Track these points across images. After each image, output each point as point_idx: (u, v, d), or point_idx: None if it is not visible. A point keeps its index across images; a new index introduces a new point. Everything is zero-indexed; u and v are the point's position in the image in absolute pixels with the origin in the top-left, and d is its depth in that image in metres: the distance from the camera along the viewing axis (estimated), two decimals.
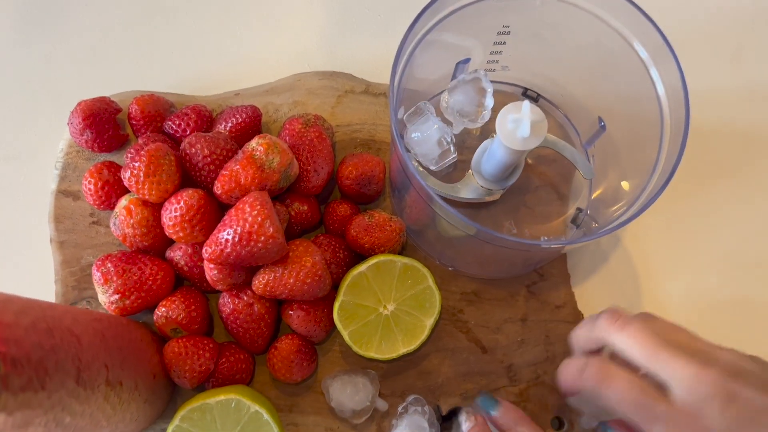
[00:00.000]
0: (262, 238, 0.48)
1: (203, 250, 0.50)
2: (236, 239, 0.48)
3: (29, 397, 0.30)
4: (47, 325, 0.34)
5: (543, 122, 0.46)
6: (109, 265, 0.53)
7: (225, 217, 0.50)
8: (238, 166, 0.52)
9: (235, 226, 0.48)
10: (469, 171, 0.59)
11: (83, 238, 0.59)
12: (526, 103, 0.46)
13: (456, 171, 0.60)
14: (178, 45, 0.68)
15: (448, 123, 0.59)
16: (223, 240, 0.49)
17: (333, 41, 0.69)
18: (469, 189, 0.58)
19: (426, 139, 0.55)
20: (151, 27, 0.69)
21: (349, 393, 0.55)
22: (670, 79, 0.44)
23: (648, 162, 0.49)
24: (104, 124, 0.58)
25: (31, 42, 0.67)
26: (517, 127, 0.47)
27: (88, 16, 0.69)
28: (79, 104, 0.58)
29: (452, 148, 0.55)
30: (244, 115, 0.58)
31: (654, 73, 0.45)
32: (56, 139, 0.64)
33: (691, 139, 0.44)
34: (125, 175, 0.52)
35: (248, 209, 0.49)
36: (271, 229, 0.48)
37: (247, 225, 0.48)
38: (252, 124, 0.58)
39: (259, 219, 0.48)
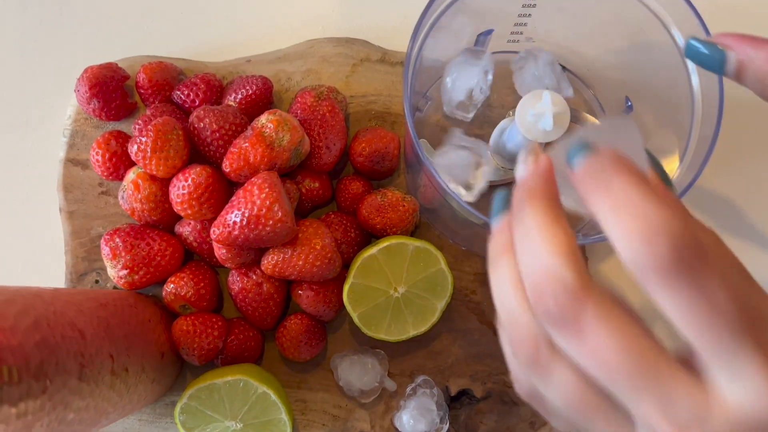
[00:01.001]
0: (271, 222, 0.47)
1: (211, 231, 0.49)
2: (244, 222, 0.47)
3: (29, 404, 0.30)
4: (48, 324, 0.34)
5: (566, 113, 0.44)
6: (118, 240, 0.53)
7: (233, 198, 0.49)
8: (247, 144, 0.50)
9: (243, 209, 0.47)
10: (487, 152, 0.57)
11: (93, 209, 0.58)
12: (547, 94, 0.43)
13: None
14: (189, 7, 0.65)
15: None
16: (231, 222, 0.48)
17: (349, 5, 0.66)
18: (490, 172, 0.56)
19: (452, 167, 0.53)
20: None
21: (357, 373, 0.54)
22: (707, 74, 0.41)
23: (676, 149, 0.46)
24: (111, 93, 0.57)
25: (36, 5, 0.65)
26: (539, 120, 0.44)
27: None
28: (85, 71, 0.56)
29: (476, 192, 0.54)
30: (254, 87, 0.56)
31: (690, 64, 0.42)
32: (65, 104, 0.62)
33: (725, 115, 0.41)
34: (132, 150, 0.51)
35: (257, 191, 0.47)
36: (279, 213, 0.47)
37: (255, 208, 0.47)
38: (262, 96, 0.56)
39: (268, 202, 0.47)
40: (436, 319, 0.54)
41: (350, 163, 0.58)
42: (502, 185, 0.57)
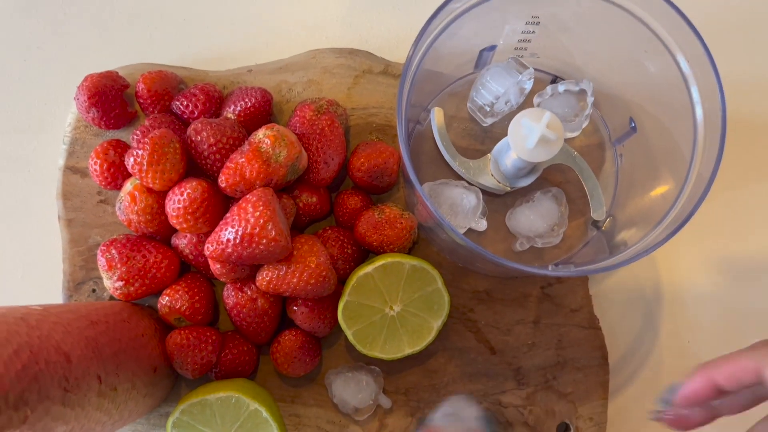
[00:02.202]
0: (264, 240, 0.46)
1: (205, 247, 0.49)
2: (237, 240, 0.47)
3: None
4: (32, 350, 0.33)
5: (557, 141, 0.43)
6: (114, 251, 0.53)
7: (228, 214, 0.49)
8: (243, 159, 0.50)
9: (236, 227, 0.47)
10: (489, 155, 0.56)
11: (91, 217, 0.58)
12: (548, 114, 0.42)
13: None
14: (192, 14, 0.65)
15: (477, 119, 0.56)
16: (224, 239, 0.47)
17: (353, 13, 0.65)
18: (482, 174, 0.56)
19: (453, 206, 0.53)
20: None
21: (352, 390, 0.54)
22: (711, 104, 0.40)
23: (680, 172, 0.45)
24: (111, 102, 0.56)
25: (40, 8, 0.65)
26: (528, 135, 0.44)
27: None
28: (85, 80, 0.56)
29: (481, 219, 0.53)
30: (253, 99, 0.55)
31: (695, 93, 0.41)
32: (65, 110, 0.62)
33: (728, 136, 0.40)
34: (128, 162, 0.50)
35: (251, 209, 0.47)
36: (273, 232, 0.46)
37: (249, 226, 0.46)
38: (261, 109, 0.55)
39: (262, 221, 0.46)
40: (432, 338, 0.53)
41: (349, 177, 0.58)
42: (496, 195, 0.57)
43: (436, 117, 0.56)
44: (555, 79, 0.58)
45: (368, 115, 0.59)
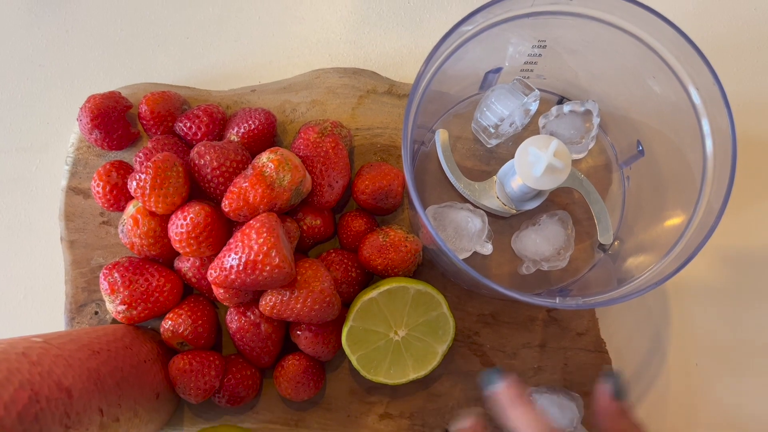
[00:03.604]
0: (267, 267, 0.46)
1: (208, 273, 0.48)
2: (240, 267, 0.46)
3: None
4: (33, 388, 0.33)
5: (564, 169, 0.42)
6: (116, 274, 0.52)
7: (231, 240, 0.48)
8: (246, 184, 0.49)
9: (240, 253, 0.46)
10: (494, 177, 0.56)
11: (93, 239, 0.58)
12: (555, 142, 0.42)
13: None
14: (194, 33, 0.64)
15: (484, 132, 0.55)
16: (228, 266, 0.47)
17: (357, 31, 0.64)
18: (487, 197, 0.55)
19: (458, 230, 0.53)
20: (166, 15, 0.65)
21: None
22: (722, 139, 0.39)
23: (689, 200, 0.44)
24: (113, 123, 0.56)
25: (43, 26, 0.64)
26: (535, 163, 0.43)
27: (102, 2, 0.65)
28: (87, 101, 0.55)
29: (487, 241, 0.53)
30: (257, 121, 0.55)
31: (705, 126, 0.41)
32: (68, 129, 0.62)
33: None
34: (131, 186, 0.50)
35: (254, 236, 0.46)
36: (277, 259, 0.46)
37: (253, 253, 0.46)
38: (265, 131, 0.55)
39: (265, 248, 0.46)
40: (437, 363, 0.53)
41: (353, 199, 0.57)
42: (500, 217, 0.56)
43: (441, 139, 0.55)
44: (561, 100, 0.57)
45: (373, 136, 0.59)
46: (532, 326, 0.56)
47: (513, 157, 0.49)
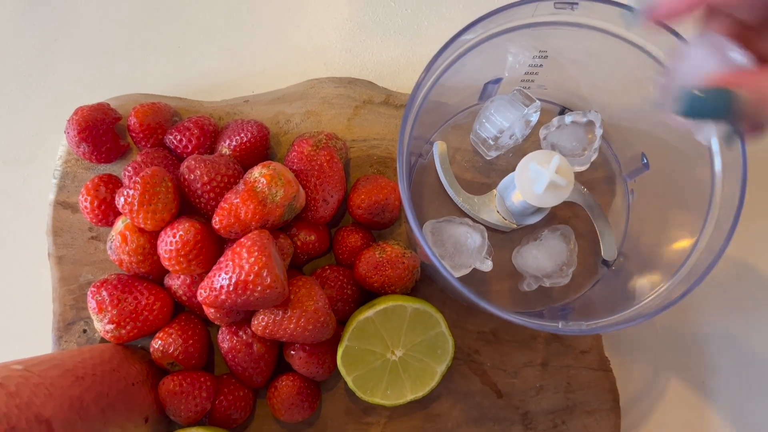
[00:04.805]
0: (259, 288, 0.44)
1: (198, 293, 0.47)
2: (231, 288, 0.45)
3: None
4: (9, 424, 0.31)
5: (566, 186, 0.40)
6: (104, 293, 0.51)
7: (222, 258, 0.46)
8: (238, 200, 0.48)
9: (230, 273, 0.45)
10: (494, 191, 0.54)
11: (82, 254, 0.56)
12: (557, 158, 0.40)
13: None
14: (185, 42, 0.63)
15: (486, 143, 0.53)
16: (218, 286, 0.45)
17: (353, 40, 0.63)
18: (487, 211, 0.53)
19: (457, 246, 0.51)
20: (157, 23, 0.63)
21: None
22: (732, 156, 0.37)
23: (697, 217, 0.43)
24: (102, 136, 0.54)
25: (31, 36, 0.62)
26: (536, 179, 0.41)
27: (91, 10, 0.63)
28: (75, 113, 0.54)
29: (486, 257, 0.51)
30: (249, 134, 0.53)
31: (714, 143, 0.39)
32: (56, 141, 0.60)
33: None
34: (119, 202, 0.48)
35: (245, 255, 0.45)
36: (268, 279, 0.44)
37: (243, 273, 0.44)
38: (258, 144, 0.53)
39: (257, 267, 0.44)
40: (436, 384, 0.51)
41: (349, 213, 0.55)
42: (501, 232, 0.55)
43: (439, 151, 0.54)
44: (563, 111, 0.56)
45: (369, 147, 0.57)
46: (533, 344, 0.55)
47: (513, 169, 0.48)
